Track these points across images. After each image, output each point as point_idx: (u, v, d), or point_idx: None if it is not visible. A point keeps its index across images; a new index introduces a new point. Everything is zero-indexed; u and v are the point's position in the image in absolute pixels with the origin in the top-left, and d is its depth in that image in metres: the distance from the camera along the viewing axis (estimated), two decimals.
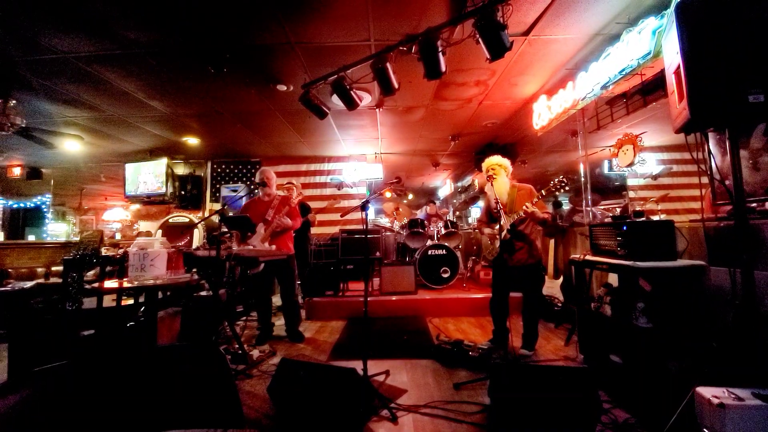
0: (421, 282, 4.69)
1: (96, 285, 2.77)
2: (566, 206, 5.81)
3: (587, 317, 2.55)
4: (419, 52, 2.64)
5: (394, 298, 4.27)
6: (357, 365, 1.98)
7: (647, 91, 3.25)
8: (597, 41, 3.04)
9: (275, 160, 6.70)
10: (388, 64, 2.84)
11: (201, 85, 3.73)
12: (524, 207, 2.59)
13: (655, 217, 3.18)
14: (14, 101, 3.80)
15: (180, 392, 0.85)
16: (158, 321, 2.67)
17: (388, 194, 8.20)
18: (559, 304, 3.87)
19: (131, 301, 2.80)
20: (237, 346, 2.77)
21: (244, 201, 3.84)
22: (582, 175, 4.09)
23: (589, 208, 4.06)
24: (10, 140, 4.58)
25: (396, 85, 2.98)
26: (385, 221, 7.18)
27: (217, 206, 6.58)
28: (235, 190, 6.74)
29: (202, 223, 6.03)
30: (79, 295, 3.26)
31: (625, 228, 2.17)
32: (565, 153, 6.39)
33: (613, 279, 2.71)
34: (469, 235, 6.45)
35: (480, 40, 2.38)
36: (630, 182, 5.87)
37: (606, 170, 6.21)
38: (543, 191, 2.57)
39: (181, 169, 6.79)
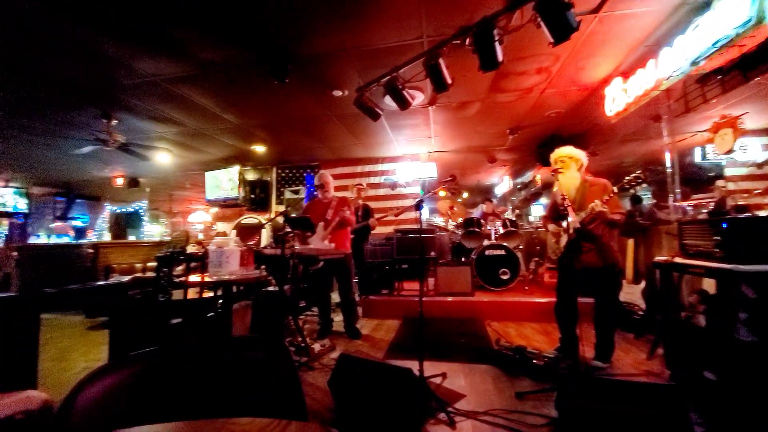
0: (478, 283, 4.52)
1: (182, 279, 3.17)
2: (648, 201, 5.15)
3: (676, 328, 2.23)
4: (474, 44, 2.54)
5: (449, 299, 4.19)
6: (413, 365, 1.97)
7: (749, 64, 2.72)
8: (682, 12, 2.64)
9: (332, 162, 6.99)
10: (441, 60, 2.78)
11: (266, 96, 4.04)
12: (592, 205, 2.33)
13: (762, 213, 2.66)
14: (116, 121, 4.50)
15: (249, 381, 0.92)
16: (233, 313, 2.95)
17: (442, 193, 8.06)
18: (640, 312, 3.43)
19: (211, 294, 3.14)
20: (300, 339, 2.94)
21: (304, 203, 4.06)
22: (668, 165, 3.58)
23: (677, 203, 3.54)
24: (114, 155, 5.42)
25: (449, 81, 2.91)
26: (439, 220, 7.07)
27: (282, 208, 7.08)
28: (296, 192, 7.18)
29: (269, 223, 6.52)
30: (169, 288, 3.75)
31: (725, 225, 1.85)
32: (645, 141, 5.67)
33: (708, 284, 2.33)
34: (530, 234, 6.05)
35: (542, 23, 2.21)
36: (728, 172, 4.99)
37: (698, 159, 5.37)
38: (615, 188, 2.30)
39: (250, 175, 7.43)
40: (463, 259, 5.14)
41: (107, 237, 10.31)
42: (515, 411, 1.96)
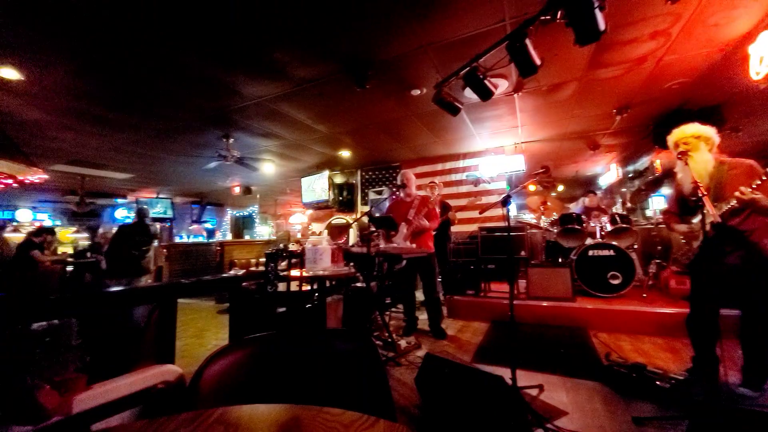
0: (579, 288, 4.01)
1: (285, 273, 3.59)
2: None
3: None
4: (567, 16, 2.25)
5: (544, 303, 3.81)
6: (503, 373, 1.85)
7: None
8: None
9: (413, 162, 7.04)
10: (527, 41, 2.54)
11: (351, 104, 4.29)
12: (737, 193, 1.84)
13: None
14: (232, 139, 5.34)
15: (340, 371, 0.98)
16: (327, 305, 3.22)
17: (532, 187, 7.38)
18: None
19: (308, 288, 3.48)
20: (387, 334, 3.04)
21: (388, 203, 4.19)
22: None
23: None
24: (232, 168, 6.45)
25: (538, 62, 2.64)
26: (529, 217, 6.49)
27: (366, 208, 7.44)
28: (379, 193, 7.45)
29: (356, 223, 6.92)
30: (276, 281, 4.28)
31: None
32: None
33: None
34: (648, 231, 5.09)
35: None
36: None
37: None
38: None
39: (338, 179, 8.00)
40: (560, 260, 4.63)
41: (229, 236, 12.34)
42: None
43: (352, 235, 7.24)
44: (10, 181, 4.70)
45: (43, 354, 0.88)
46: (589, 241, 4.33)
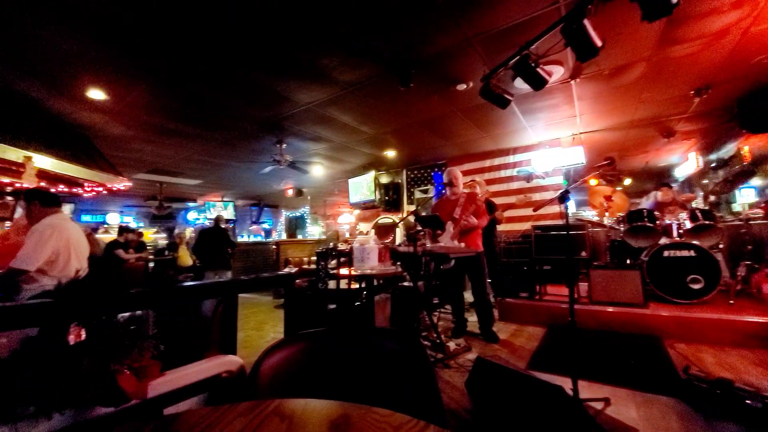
0: (652, 292, 3.59)
1: (335, 272, 3.71)
2: None
3: None
4: None
5: (610, 309, 3.47)
6: (562, 382, 1.72)
7: None
8: None
9: (459, 159, 6.86)
10: (585, 22, 2.33)
11: (394, 104, 4.30)
12: None
13: None
14: (285, 145, 5.65)
15: (388, 370, 0.98)
16: (375, 304, 3.27)
17: (593, 182, 6.79)
18: None
19: (356, 286, 3.56)
20: (435, 335, 2.99)
21: (433, 201, 4.12)
22: None
23: None
24: (285, 171, 6.83)
25: (599, 44, 2.41)
26: (590, 214, 5.97)
27: (412, 207, 7.41)
28: (425, 192, 7.38)
29: (402, 222, 6.93)
30: (326, 278, 4.45)
31: None
32: None
33: None
34: (736, 228, 4.38)
35: None
36: None
37: None
38: None
39: (384, 179, 8.08)
40: (628, 262, 4.19)
41: (284, 236, 13.10)
42: None
43: (399, 235, 7.26)
44: (100, 188, 5.45)
45: (125, 342, 1.00)
46: (663, 240, 3.86)
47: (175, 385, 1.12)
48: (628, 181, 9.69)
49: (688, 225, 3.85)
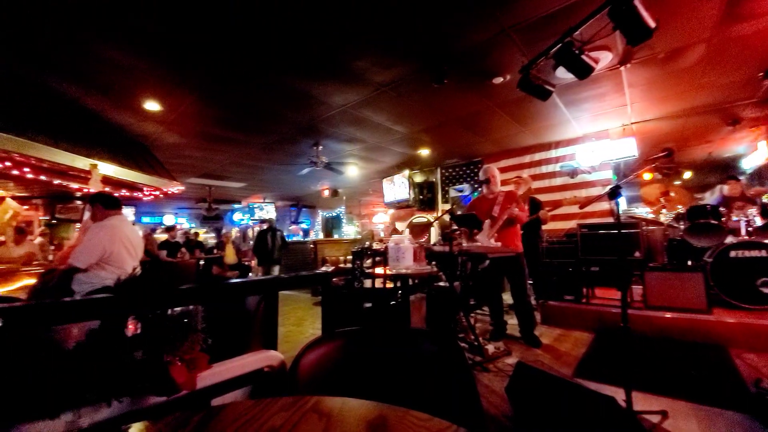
0: (716, 297, 3.24)
1: (370, 271, 3.75)
2: None
3: None
4: None
5: (667, 314, 3.18)
6: (612, 392, 1.60)
7: None
8: None
9: (496, 156, 6.62)
10: (636, 2, 2.14)
11: (428, 102, 4.25)
12: None
13: None
14: (321, 147, 5.79)
15: (424, 372, 0.97)
16: (410, 304, 3.25)
17: (647, 175, 6.26)
18: None
19: (392, 285, 3.56)
20: (473, 337, 2.91)
21: (470, 199, 4.01)
22: None
23: None
24: (322, 173, 7.01)
25: (652, 25, 2.21)
26: (644, 211, 5.49)
27: (447, 206, 7.28)
28: (460, 190, 7.22)
29: (437, 222, 6.83)
30: (362, 277, 4.51)
31: None
32: None
33: None
34: None
35: None
36: None
37: None
38: None
39: (418, 178, 8.02)
40: (689, 263, 3.81)
41: (321, 236, 13.48)
42: None
43: (434, 234, 7.17)
44: (157, 192, 5.96)
45: (177, 335, 1.08)
46: (730, 239, 3.46)
47: (222, 378, 1.18)
48: (687, 175, 8.79)
49: (759, 222, 3.44)
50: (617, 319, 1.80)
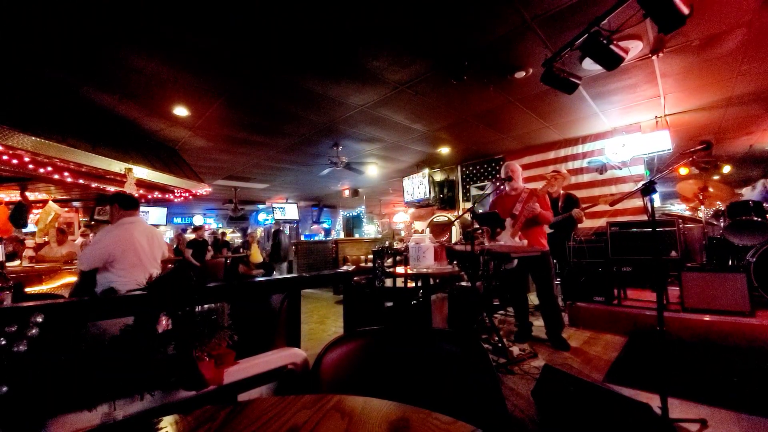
0: (761, 298, 3.02)
1: (391, 270, 3.74)
2: None
3: None
4: None
5: (707, 317, 2.98)
6: (647, 398, 1.52)
7: None
8: None
9: (518, 152, 6.45)
10: None
11: (447, 99, 4.19)
12: None
13: None
14: (341, 147, 5.85)
15: (446, 373, 0.95)
16: (432, 304, 3.22)
17: (683, 170, 5.89)
18: None
19: (413, 284, 3.55)
20: (497, 338, 2.85)
21: (491, 198, 3.93)
22: None
23: None
24: (342, 173, 7.09)
25: (686, 11, 2.08)
26: (680, 208, 5.19)
27: (468, 205, 7.16)
28: (481, 188, 7.08)
29: (458, 220, 6.74)
30: (383, 276, 4.50)
31: None
32: None
33: None
34: None
35: None
36: None
37: None
38: None
39: (438, 176, 7.94)
40: (730, 263, 3.57)
41: (342, 235, 13.62)
42: None
43: (455, 233, 7.07)
44: (187, 194, 6.21)
45: (205, 331, 1.12)
46: None
47: (247, 374, 1.22)
48: (727, 169, 8.20)
49: None
50: (652, 322, 1.71)
